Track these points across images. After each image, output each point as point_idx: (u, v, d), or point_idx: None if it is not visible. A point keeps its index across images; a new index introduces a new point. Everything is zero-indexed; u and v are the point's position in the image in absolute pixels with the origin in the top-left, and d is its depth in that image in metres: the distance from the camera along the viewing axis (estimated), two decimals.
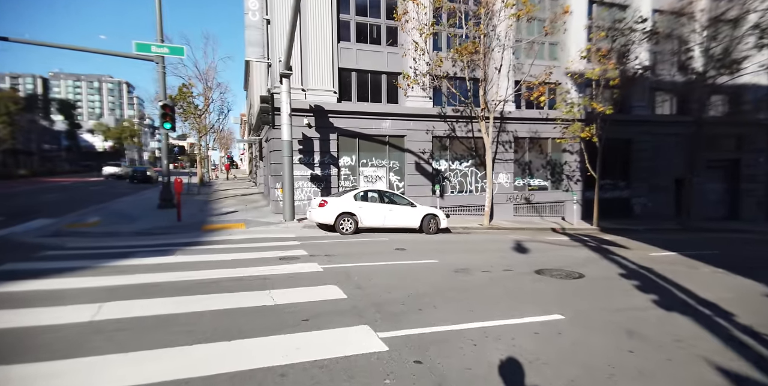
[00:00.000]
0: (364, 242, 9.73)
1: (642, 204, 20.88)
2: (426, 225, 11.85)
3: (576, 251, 9.44)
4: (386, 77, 16.72)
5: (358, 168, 16.13)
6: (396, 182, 16.70)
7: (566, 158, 19.32)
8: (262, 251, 8.10)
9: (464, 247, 9.46)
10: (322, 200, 11.03)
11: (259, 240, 9.65)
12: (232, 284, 5.50)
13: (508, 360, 3.36)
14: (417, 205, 12.04)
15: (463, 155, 17.80)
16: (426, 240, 10.39)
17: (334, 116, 15.39)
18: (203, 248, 8.37)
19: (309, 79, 15.25)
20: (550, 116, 18.32)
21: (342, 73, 15.98)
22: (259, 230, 11.67)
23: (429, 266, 6.96)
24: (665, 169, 21.12)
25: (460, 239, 11.04)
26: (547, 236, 12.67)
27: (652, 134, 20.63)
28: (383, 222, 11.46)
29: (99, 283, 5.43)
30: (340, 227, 10.95)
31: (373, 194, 11.81)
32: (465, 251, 8.76)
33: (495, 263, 7.43)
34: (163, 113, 15.23)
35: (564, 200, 19.34)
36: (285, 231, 11.44)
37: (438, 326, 4.07)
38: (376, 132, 16.08)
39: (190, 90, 22.93)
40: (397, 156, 16.66)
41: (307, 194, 15.27)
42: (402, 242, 9.82)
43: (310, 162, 15.27)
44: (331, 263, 6.98)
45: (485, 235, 12.76)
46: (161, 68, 15.94)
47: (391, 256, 7.82)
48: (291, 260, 7.22)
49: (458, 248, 9.23)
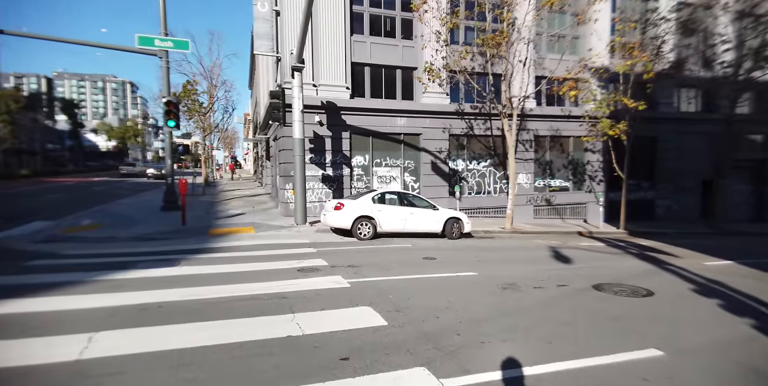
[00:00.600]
0: (386, 249, 8.87)
1: (666, 206, 19.91)
2: (449, 230, 10.99)
3: (622, 260, 8.56)
4: (401, 72, 15.86)
5: (371, 168, 15.28)
6: (411, 182, 15.84)
7: (588, 158, 18.39)
8: (276, 260, 7.26)
9: (498, 255, 8.57)
10: (338, 203, 10.19)
11: (271, 247, 8.81)
12: (246, 305, 4.66)
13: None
14: (439, 208, 11.17)
15: (481, 155, 16.92)
16: (452, 247, 9.52)
17: (347, 113, 14.55)
18: (211, 257, 7.54)
19: (320, 74, 14.41)
20: (572, 113, 17.44)
21: (355, 68, 15.14)
22: (269, 234, 10.84)
23: (470, 280, 6.10)
24: (690, 169, 20.15)
25: (488, 246, 10.16)
26: (579, 242, 11.77)
27: (678, 133, 19.66)
28: (403, 227, 10.60)
29: (92, 303, 4.61)
30: (358, 232, 10.10)
31: (392, 196, 10.95)
32: (501, 261, 7.88)
33: (542, 276, 6.56)
34: (167, 110, 14.47)
35: (586, 201, 18.45)
36: (297, 236, 10.61)
37: (515, 368, 3.21)
38: (391, 130, 15.23)
39: (194, 87, 22.16)
40: (412, 155, 15.80)
41: (318, 196, 14.44)
42: (427, 249, 8.96)
43: (321, 162, 14.44)
44: (358, 276, 6.13)
45: (511, 240, 11.88)
46: (165, 63, 15.15)
47: (422, 267, 6.96)
48: (310, 272, 6.37)
49: (492, 256, 8.35)
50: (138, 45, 14.21)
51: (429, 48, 13.91)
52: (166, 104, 14.51)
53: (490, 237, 12.31)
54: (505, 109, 14.05)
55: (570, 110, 17.47)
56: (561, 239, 12.67)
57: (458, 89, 16.56)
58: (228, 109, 31.81)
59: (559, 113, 17.29)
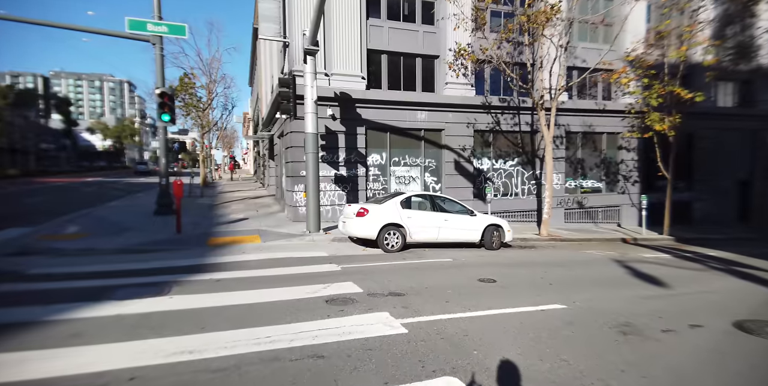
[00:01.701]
0: (425, 265, 7.30)
1: (704, 209, 18.35)
2: (488, 239, 9.43)
3: (719, 279, 7.00)
4: (421, 61, 14.30)
5: (388, 167, 13.71)
6: (432, 183, 14.27)
7: (623, 156, 16.85)
8: (294, 283, 5.70)
9: (565, 274, 6.91)
10: (362, 208, 8.60)
11: (284, 263, 7.24)
12: (265, 375, 3.08)
13: None
14: (477, 213, 9.59)
15: (508, 153, 15.35)
16: (501, 261, 7.94)
17: (362, 105, 12.98)
18: (210, 280, 5.96)
19: (333, 62, 12.84)
20: (607, 107, 15.90)
21: (371, 56, 13.57)
22: (278, 244, 9.26)
23: (564, 318, 4.51)
24: (726, 169, 18.61)
25: (538, 258, 8.58)
26: (638, 252, 10.18)
27: (715, 129, 18.10)
28: (437, 236, 9.04)
29: (30, 373, 3.03)
30: (385, 243, 8.52)
31: (422, 200, 9.38)
32: (576, 283, 6.26)
33: (649, 307, 5.00)
34: (161, 102, 12.92)
35: (620, 203, 16.91)
36: (312, 247, 9.02)
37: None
38: (410, 125, 13.66)
39: (192, 81, 20.55)
40: (433, 154, 14.23)
41: (330, 199, 12.87)
42: (474, 265, 7.39)
43: (333, 160, 12.87)
44: (410, 312, 4.56)
45: (557, 250, 10.31)
46: (159, 51, 13.58)
47: (486, 294, 5.40)
48: (344, 304, 4.80)
49: (560, 276, 6.71)
50: (128, 29, 12.60)
51: (461, 29, 12.24)
52: (160, 95, 12.96)
53: (531, 246, 10.75)
54: (542, 100, 12.48)
55: (604, 104, 15.93)
56: (609, 247, 11.12)
57: (483, 81, 15.03)
58: (227, 106, 30.24)
59: (594, 107, 15.73)
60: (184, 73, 20.55)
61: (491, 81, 15.24)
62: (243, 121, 53.78)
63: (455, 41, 13.93)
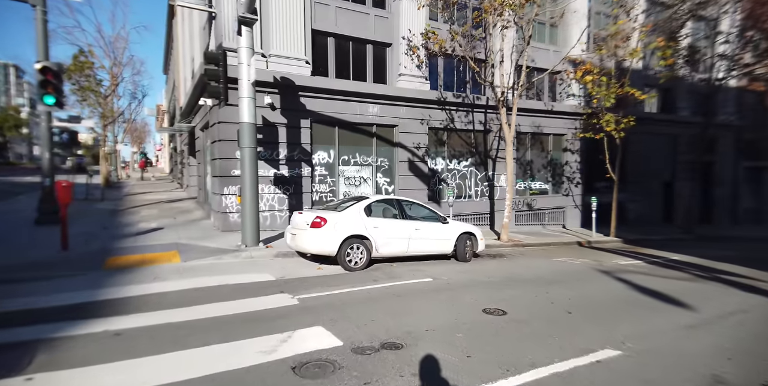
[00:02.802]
0: (404, 290, 5.81)
1: (636, 210, 19.14)
2: (461, 250, 8.22)
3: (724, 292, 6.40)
4: (372, 49, 12.82)
5: (337, 167, 12.04)
6: (384, 184, 12.87)
7: (567, 158, 16.86)
8: (236, 333, 3.92)
9: (573, 297, 5.47)
10: (318, 217, 6.87)
11: (216, 294, 5.33)
12: None
13: None
14: (449, 220, 8.31)
15: (462, 153, 14.47)
16: (486, 279, 6.71)
17: (307, 94, 11.18)
18: (103, 334, 3.95)
19: (272, 41, 10.88)
20: (554, 108, 15.71)
21: (316, 39, 11.80)
22: (205, 265, 7.21)
23: (640, 374, 3.24)
24: (653, 171, 19.67)
25: (523, 272, 7.48)
26: (609, 259, 9.62)
27: (644, 133, 18.94)
28: (406, 249, 7.61)
29: None
30: (347, 260, 6.89)
31: (386, 206, 7.88)
32: (595, 308, 5.02)
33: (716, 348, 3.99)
34: (43, 80, 10.11)
35: (564, 205, 16.91)
36: (251, 267, 7.11)
37: None
38: (361, 120, 12.13)
39: (89, 60, 16.94)
40: (386, 152, 12.83)
41: (269, 203, 10.90)
42: (461, 286, 6.07)
43: (273, 158, 10.92)
44: (432, 384, 3.04)
45: (527, 258, 9.43)
46: (40, 13, 10.71)
47: (508, 338, 4.03)
48: (322, 373, 3.15)
49: (567, 299, 5.42)
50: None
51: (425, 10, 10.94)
52: (42, 71, 10.11)
53: (499, 255, 9.78)
54: (503, 97, 11.67)
55: (552, 105, 15.72)
56: (574, 253, 10.57)
57: (437, 75, 13.97)
58: (137, 95, 26.19)
59: (543, 108, 15.42)
60: (79, 50, 16.87)
61: (444, 76, 14.24)
62: (156, 114, 48.08)
63: (408, 28, 12.71)
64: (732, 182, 23.40)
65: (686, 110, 20.08)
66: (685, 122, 19.34)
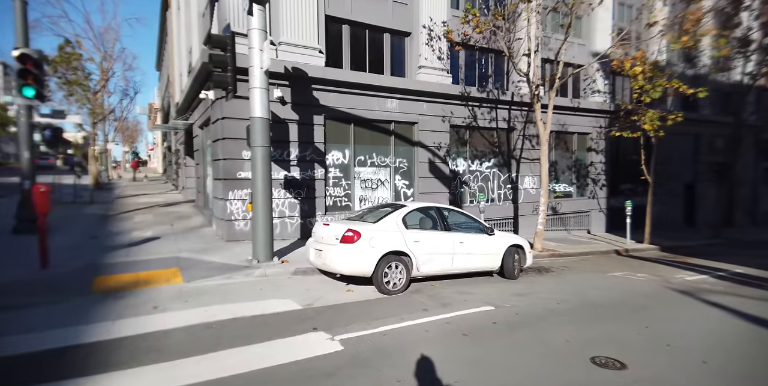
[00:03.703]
0: (467, 324, 4.67)
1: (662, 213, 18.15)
2: (510, 265, 7.09)
3: None
4: (390, 38, 11.68)
5: (352, 168, 10.89)
6: (403, 188, 11.73)
7: (591, 158, 15.83)
8: None
9: (689, 335, 4.20)
10: (351, 230, 5.70)
11: (233, 331, 4.20)
12: None
13: None
14: (495, 231, 7.18)
15: (484, 153, 13.37)
16: (557, 306, 5.56)
17: (321, 87, 10.01)
18: None
19: (281, 28, 9.70)
20: (580, 105, 14.68)
21: (330, 26, 10.63)
22: (212, 286, 6.03)
23: None
24: (675, 172, 18.71)
25: (593, 295, 6.33)
26: (670, 273, 8.54)
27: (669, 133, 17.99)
28: (450, 266, 6.48)
29: None
30: (384, 281, 5.74)
31: (424, 215, 6.72)
32: (731, 357, 3.92)
33: None
34: (22, 69, 9.00)
35: (589, 209, 15.87)
36: (268, 289, 5.94)
37: None
38: (379, 116, 10.98)
39: (76, 51, 15.57)
40: (404, 152, 11.70)
41: (279, 209, 9.73)
42: (534, 318, 4.96)
43: (283, 158, 9.74)
44: None
45: (576, 273, 8.33)
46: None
47: None
48: None
49: (685, 339, 4.19)
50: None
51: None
52: (20, 59, 8.99)
53: (544, 268, 8.67)
54: (537, 90, 10.58)
55: (578, 102, 14.69)
56: (621, 265, 9.50)
57: (458, 68, 12.86)
58: (128, 92, 24.81)
59: (569, 105, 14.37)
60: (65, 40, 15.49)
61: (466, 69, 13.14)
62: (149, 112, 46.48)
63: (429, 16, 11.60)
64: (752, 184, 22.58)
65: (706, 108, 19.18)
66: (712, 121, 18.42)
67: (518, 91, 13.35)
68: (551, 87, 10.61)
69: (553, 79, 10.48)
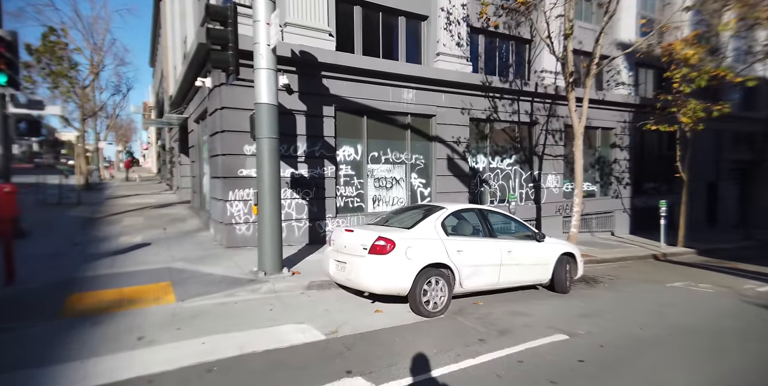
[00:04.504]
0: (545, 364, 3.62)
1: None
2: (561, 277, 6.05)
3: None
4: (405, 22, 10.63)
5: (365, 165, 9.82)
6: (420, 187, 10.68)
7: (615, 155, 14.84)
8: None
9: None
10: (383, 238, 4.63)
11: (241, 377, 3.13)
12: None
13: None
14: (546, 236, 6.13)
15: (505, 149, 12.34)
16: (638, 333, 4.52)
17: (331, 74, 8.94)
18: None
19: (287, 6, 8.62)
20: (606, 98, 13.68)
21: (340, 6, 9.56)
22: (212, 306, 4.96)
23: None
24: (698, 170, 17.76)
25: (672, 315, 5.30)
26: (738, 284, 7.54)
27: None
28: (497, 280, 5.42)
29: None
30: (423, 302, 4.67)
31: (465, 220, 5.64)
32: None
33: None
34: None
35: (612, 209, 14.88)
36: (281, 310, 4.88)
37: None
38: (393, 107, 9.92)
39: (61, 40, 14.39)
40: (421, 148, 10.65)
41: (285, 211, 8.63)
42: (622, 350, 3.93)
43: (289, 154, 8.66)
44: None
45: (633, 284, 7.30)
46: None
47: None
48: None
49: None
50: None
51: None
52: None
53: (593, 279, 7.62)
54: (572, 77, 9.55)
55: (603, 94, 13.69)
56: (670, 273, 8.50)
57: (477, 56, 11.82)
58: (121, 88, 23.64)
59: (593, 97, 13.33)
60: (49, 28, 14.31)
61: (486, 58, 12.11)
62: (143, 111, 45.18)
63: None
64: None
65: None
66: (741, 117, 17.46)
67: (541, 81, 12.34)
68: (587, 75, 9.56)
69: (590, 66, 9.45)
